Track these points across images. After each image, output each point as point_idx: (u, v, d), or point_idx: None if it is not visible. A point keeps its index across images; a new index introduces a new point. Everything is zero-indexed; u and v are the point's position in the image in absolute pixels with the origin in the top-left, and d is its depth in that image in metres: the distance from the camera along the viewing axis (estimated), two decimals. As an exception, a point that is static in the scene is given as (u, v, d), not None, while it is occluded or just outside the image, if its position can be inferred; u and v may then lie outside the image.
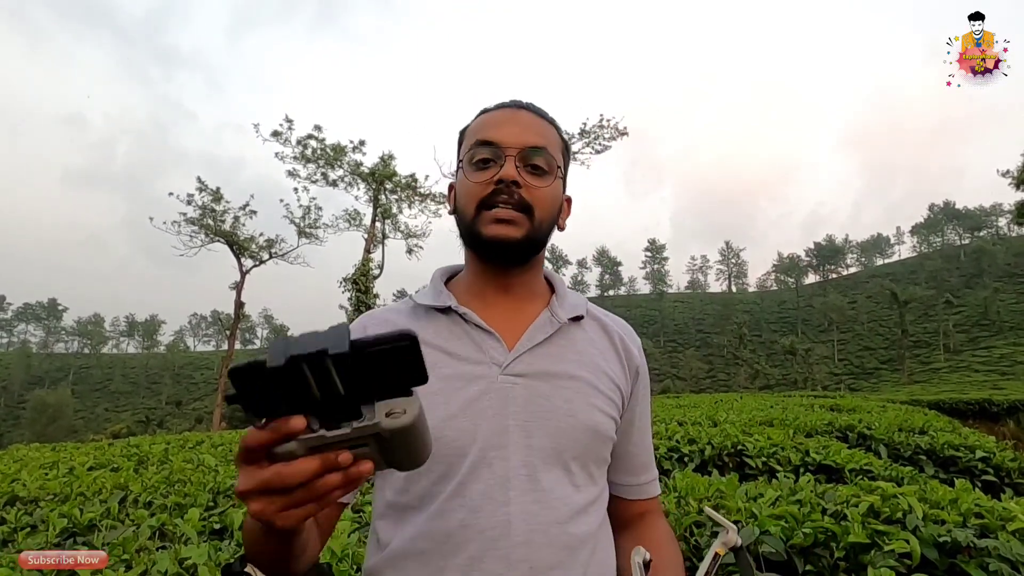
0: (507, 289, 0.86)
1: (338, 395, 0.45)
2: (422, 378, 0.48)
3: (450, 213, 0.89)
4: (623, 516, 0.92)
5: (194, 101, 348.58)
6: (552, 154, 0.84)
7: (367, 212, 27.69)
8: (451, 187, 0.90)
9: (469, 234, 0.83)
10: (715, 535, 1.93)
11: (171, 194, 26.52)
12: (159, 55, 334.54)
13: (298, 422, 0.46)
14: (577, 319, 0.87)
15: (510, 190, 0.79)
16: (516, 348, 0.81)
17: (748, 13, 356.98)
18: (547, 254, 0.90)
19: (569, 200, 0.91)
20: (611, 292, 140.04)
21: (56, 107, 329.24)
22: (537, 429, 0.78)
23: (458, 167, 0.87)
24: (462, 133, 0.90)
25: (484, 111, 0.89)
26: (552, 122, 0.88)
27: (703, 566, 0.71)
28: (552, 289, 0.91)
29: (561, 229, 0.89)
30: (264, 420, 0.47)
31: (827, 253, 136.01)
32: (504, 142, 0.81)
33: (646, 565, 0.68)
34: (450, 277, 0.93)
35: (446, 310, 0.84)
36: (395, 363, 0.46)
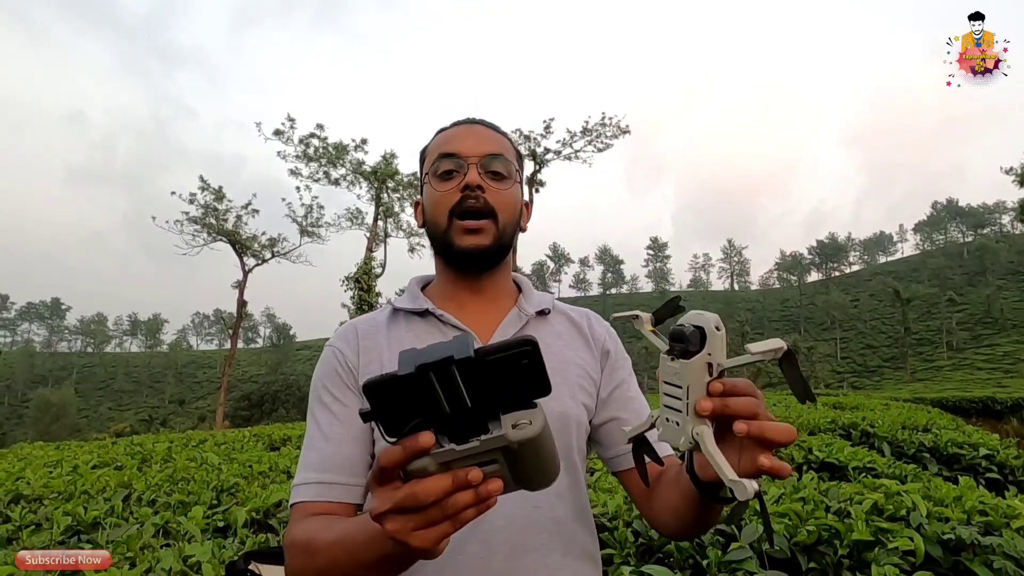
0: (479, 291, 0.93)
1: (465, 407, 0.47)
2: (545, 388, 0.49)
3: (420, 227, 0.96)
4: (641, 484, 0.91)
5: (195, 99, 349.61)
6: (509, 160, 0.92)
7: (369, 211, 27.77)
8: (417, 203, 0.98)
9: (442, 244, 0.89)
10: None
11: (173, 193, 26.63)
12: (160, 52, 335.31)
13: (427, 438, 0.47)
14: (544, 313, 0.95)
15: (476, 194, 0.86)
16: (489, 344, 0.85)
17: (748, 13, 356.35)
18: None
19: (528, 204, 0.98)
20: (613, 290, 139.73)
21: (58, 105, 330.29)
22: None
23: (422, 183, 0.95)
24: (423, 153, 0.97)
25: (441, 130, 0.96)
26: (505, 134, 0.96)
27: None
28: (520, 290, 0.99)
29: (523, 231, 0.97)
30: (396, 440, 0.49)
31: (830, 251, 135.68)
32: (465, 152, 0.88)
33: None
34: (424, 285, 0.99)
35: (424, 313, 0.90)
36: (517, 371, 0.48)
